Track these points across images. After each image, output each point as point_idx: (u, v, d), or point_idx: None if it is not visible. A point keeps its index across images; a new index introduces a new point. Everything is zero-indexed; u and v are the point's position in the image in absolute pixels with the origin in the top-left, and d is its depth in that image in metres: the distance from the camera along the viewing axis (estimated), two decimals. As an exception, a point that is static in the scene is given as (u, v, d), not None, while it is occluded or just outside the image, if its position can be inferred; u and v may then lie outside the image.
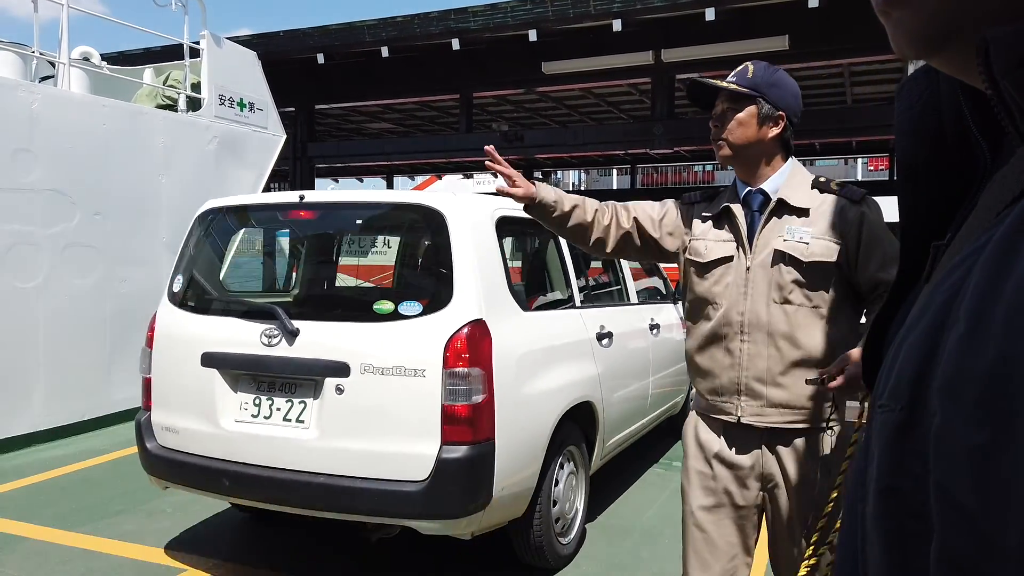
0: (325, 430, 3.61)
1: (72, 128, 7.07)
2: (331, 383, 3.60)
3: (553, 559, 4.12)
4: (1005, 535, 0.41)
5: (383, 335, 3.63)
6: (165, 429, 4.06)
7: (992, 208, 0.53)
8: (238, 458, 3.75)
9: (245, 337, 3.83)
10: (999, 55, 0.49)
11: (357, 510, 3.58)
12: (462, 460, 3.42)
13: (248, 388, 3.85)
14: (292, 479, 3.61)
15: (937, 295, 0.51)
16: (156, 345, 4.23)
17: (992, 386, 0.43)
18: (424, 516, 3.48)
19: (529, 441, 3.82)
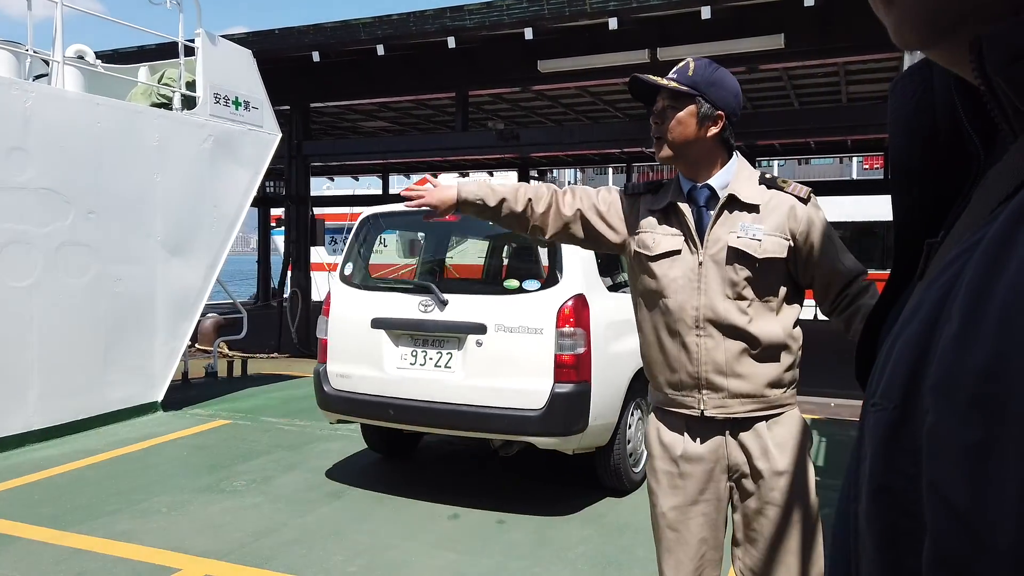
0: (467, 373, 5.00)
1: (66, 126, 7.04)
2: (472, 339, 5.01)
3: (628, 482, 5.38)
4: (996, 534, 0.41)
5: (511, 304, 5.01)
6: (339, 376, 5.41)
7: (986, 205, 0.52)
8: (400, 395, 5.13)
9: (405, 306, 5.26)
10: (992, 51, 0.48)
11: (492, 430, 5.00)
12: (568, 394, 4.78)
13: (407, 343, 5.23)
14: (442, 409, 5.01)
15: (930, 293, 0.51)
16: (332, 315, 5.55)
17: (985, 385, 0.42)
18: (541, 434, 4.83)
19: (613, 387, 5.13)
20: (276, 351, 12.79)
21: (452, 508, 5.12)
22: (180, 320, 8.26)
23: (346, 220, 32.94)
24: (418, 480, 5.77)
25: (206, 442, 6.94)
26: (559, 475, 5.87)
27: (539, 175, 26.24)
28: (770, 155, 19.86)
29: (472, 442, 6.25)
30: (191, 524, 4.84)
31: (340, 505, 5.20)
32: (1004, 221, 0.46)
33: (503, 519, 4.93)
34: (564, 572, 4.15)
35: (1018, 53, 0.47)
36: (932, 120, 0.63)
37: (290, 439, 6.97)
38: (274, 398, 8.88)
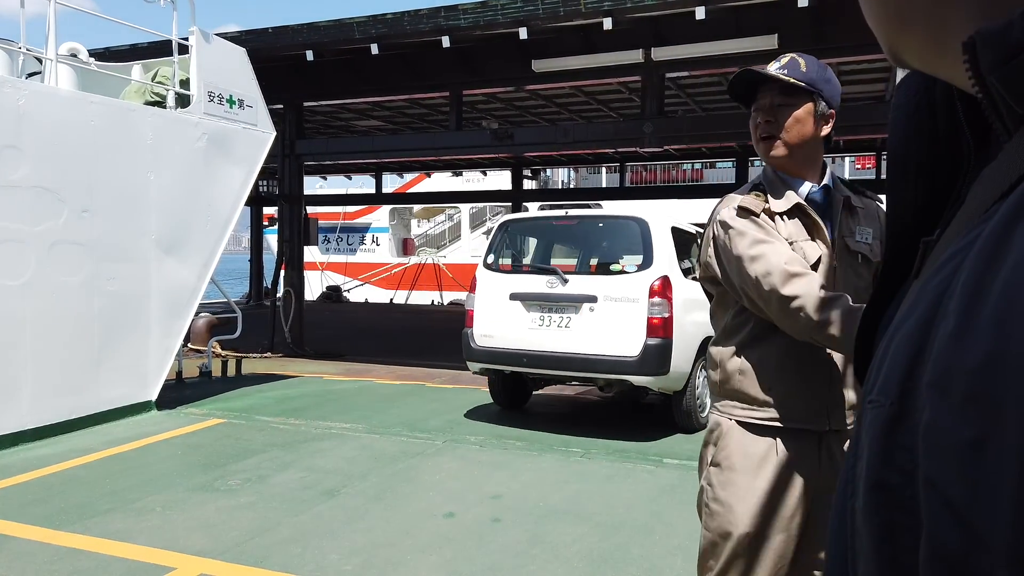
0: (582, 330, 6.83)
1: (60, 125, 7.02)
2: (586, 306, 6.87)
3: (696, 424, 7.05)
4: (993, 530, 0.41)
5: (616, 281, 6.94)
6: (483, 335, 7.34)
7: (981, 204, 0.52)
8: (531, 348, 7.01)
9: (535, 284, 7.18)
10: (986, 50, 0.48)
11: (599, 371, 6.89)
12: (657, 345, 6.61)
13: (536, 310, 7.09)
14: (563, 356, 6.88)
15: (926, 291, 0.51)
16: (478, 291, 7.49)
17: (981, 381, 0.43)
18: (637, 374, 6.68)
19: (687, 346, 6.88)
20: (269, 351, 12.77)
21: (447, 506, 5.12)
22: (174, 319, 8.24)
23: (339, 219, 33.00)
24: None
25: (200, 441, 6.92)
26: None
27: (532, 174, 26.27)
28: (763, 155, 19.88)
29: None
30: (186, 523, 4.83)
31: (335, 504, 5.20)
32: (999, 219, 0.46)
33: (498, 517, 4.93)
34: (559, 570, 4.16)
35: (1012, 52, 0.48)
36: (932, 117, 0.64)
37: (284, 438, 6.96)
38: (268, 397, 8.87)
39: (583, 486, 5.62)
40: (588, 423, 7.65)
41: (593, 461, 6.27)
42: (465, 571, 4.14)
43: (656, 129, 11.01)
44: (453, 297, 28.74)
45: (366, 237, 34.37)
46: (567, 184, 32.17)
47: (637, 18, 9.98)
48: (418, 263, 31.85)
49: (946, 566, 0.44)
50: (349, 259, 33.80)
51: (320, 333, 14.84)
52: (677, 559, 4.29)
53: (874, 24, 0.59)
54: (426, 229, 36.06)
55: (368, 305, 27.09)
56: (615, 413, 8.42)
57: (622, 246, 7.43)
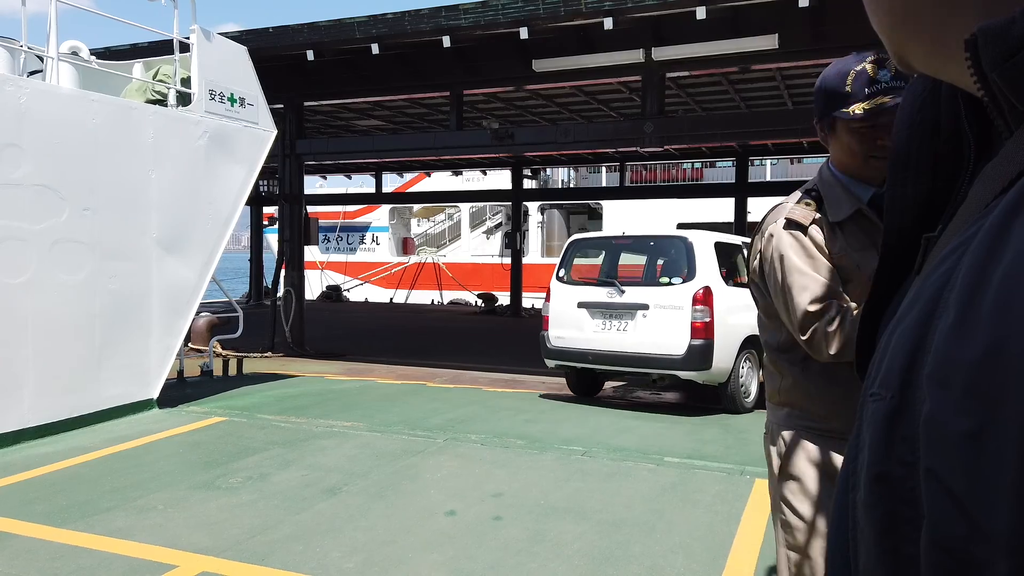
0: (638, 333, 8.07)
1: (61, 123, 7.03)
2: (640, 312, 8.09)
3: (740, 406, 8.26)
4: (994, 520, 0.42)
5: (664, 291, 8.10)
6: (556, 337, 8.58)
7: (981, 200, 0.53)
8: (595, 347, 8.29)
9: (598, 294, 8.42)
10: (988, 48, 0.49)
11: (651, 367, 8.17)
12: (699, 346, 7.78)
13: (599, 316, 8.33)
14: (622, 355, 8.17)
15: (927, 285, 0.52)
16: (552, 300, 8.70)
17: (981, 373, 0.43)
18: (683, 369, 7.92)
19: (729, 344, 8.00)
20: (270, 350, 12.78)
21: (448, 504, 5.13)
22: (175, 317, 8.25)
23: (339, 219, 32.99)
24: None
25: (202, 439, 6.93)
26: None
27: (532, 174, 26.28)
28: (763, 154, 19.90)
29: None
30: (187, 521, 4.84)
31: (336, 502, 5.21)
32: (999, 214, 0.47)
33: (499, 515, 4.94)
34: (560, 568, 4.17)
35: (1013, 48, 0.48)
36: (935, 115, 0.64)
37: (286, 436, 6.97)
38: (270, 396, 8.88)
39: (584, 484, 5.63)
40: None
41: (594, 459, 6.28)
42: (466, 569, 4.15)
43: (656, 129, 11.02)
44: (453, 296, 28.74)
45: (366, 236, 34.37)
46: (567, 183, 32.16)
47: (638, 18, 9.99)
48: (418, 262, 31.85)
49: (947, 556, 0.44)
50: (349, 258, 33.80)
51: (320, 333, 14.85)
52: (678, 557, 4.30)
53: (882, 32, 0.60)
54: (426, 228, 36.06)
55: (368, 304, 27.10)
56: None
57: (670, 261, 8.55)
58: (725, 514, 5.00)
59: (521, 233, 21.96)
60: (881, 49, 0.75)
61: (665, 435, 7.18)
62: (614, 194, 23.78)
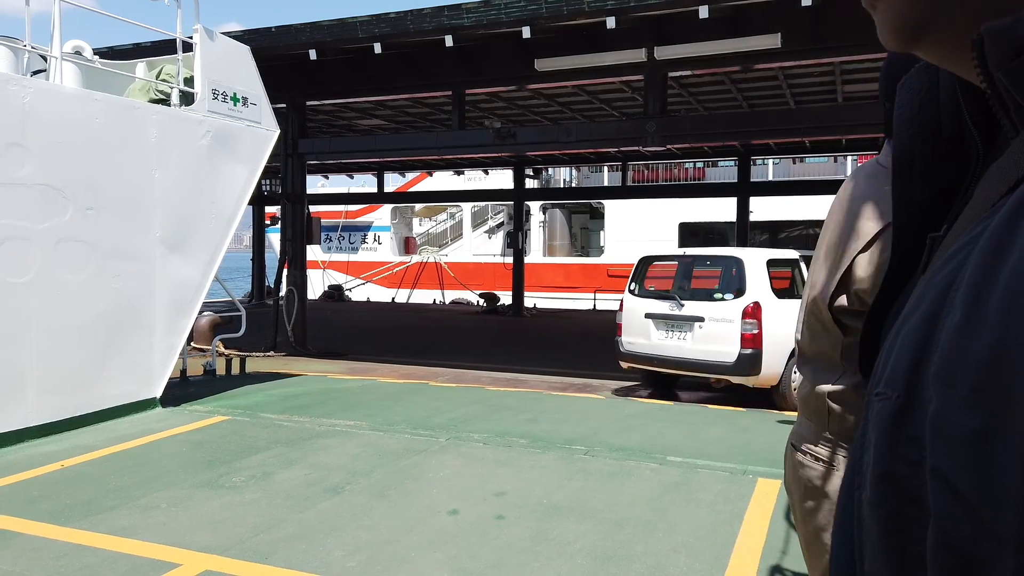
0: (695, 342, 9.01)
1: (64, 122, 7.04)
2: (696, 324, 9.01)
3: (788, 404, 8.47)
4: (1000, 519, 0.42)
5: (718, 305, 8.96)
6: (628, 342, 9.62)
7: (988, 199, 0.53)
8: (659, 353, 9.31)
9: (662, 306, 9.36)
10: (994, 48, 0.49)
11: (707, 371, 9.05)
12: (748, 354, 8.59)
13: (662, 326, 9.33)
14: (682, 360, 9.13)
15: (933, 284, 0.52)
16: (624, 310, 9.73)
17: (987, 372, 0.44)
18: (733, 374, 8.77)
19: (779, 352, 8.61)
20: (272, 349, 12.79)
21: (451, 504, 5.14)
22: (178, 317, 8.26)
23: (341, 218, 33.00)
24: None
25: (205, 438, 6.94)
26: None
27: (534, 173, 26.27)
28: (765, 154, 19.88)
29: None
30: (191, 520, 4.85)
31: (339, 500, 5.22)
32: (1006, 213, 0.47)
33: (502, 514, 4.95)
34: (563, 567, 4.17)
35: (1019, 49, 0.48)
36: (936, 115, 0.64)
37: (289, 435, 6.98)
38: (273, 395, 8.89)
39: (586, 483, 5.63)
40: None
41: (596, 459, 6.28)
42: (469, 568, 4.16)
43: (659, 128, 11.02)
44: (455, 296, 28.74)
45: (368, 236, 34.36)
46: (569, 183, 32.15)
47: (640, 17, 9.99)
48: (420, 262, 31.85)
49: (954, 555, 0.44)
50: (351, 258, 33.80)
51: (322, 332, 14.86)
52: (681, 556, 4.30)
53: (889, 42, 0.60)
54: (428, 228, 36.05)
55: (370, 304, 27.11)
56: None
57: (724, 278, 9.42)
58: (728, 514, 5.01)
59: (523, 233, 21.95)
60: None
61: (667, 434, 7.18)
62: (616, 193, 23.76)
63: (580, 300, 26.31)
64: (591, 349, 13.79)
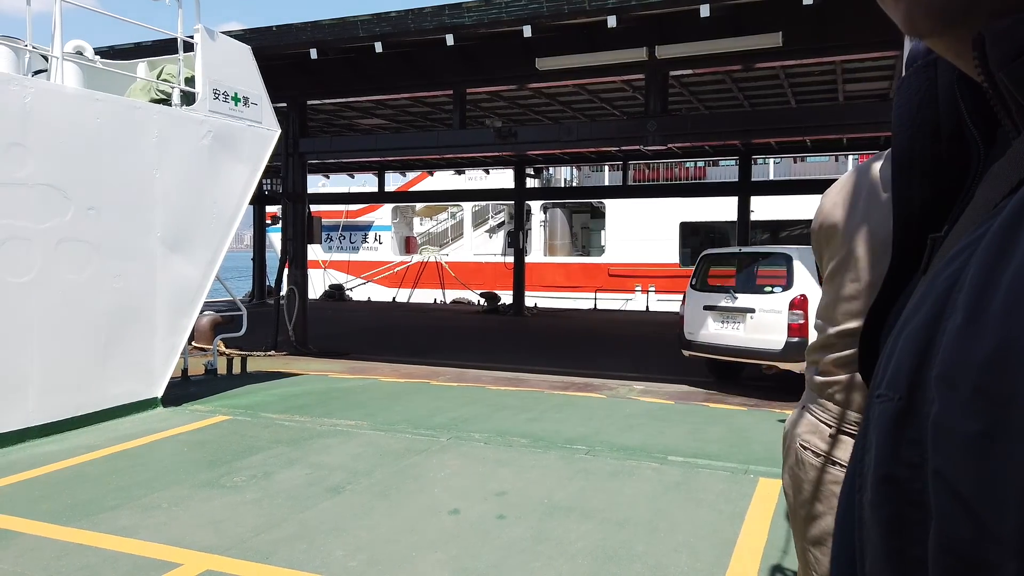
0: (747, 331, 9.70)
1: (65, 122, 7.04)
2: (749, 315, 9.68)
3: None
4: (1002, 522, 0.42)
5: (768, 298, 9.63)
6: (689, 333, 10.32)
7: (989, 200, 0.53)
8: (718, 342, 10.03)
9: (718, 299, 10.05)
10: (995, 47, 0.49)
11: (758, 358, 9.69)
12: (794, 342, 9.14)
13: (718, 319, 10.03)
14: (736, 347, 9.84)
15: (935, 285, 0.52)
16: (687, 303, 10.45)
17: (989, 374, 0.43)
18: (781, 361, 9.36)
19: None
20: (273, 349, 12.79)
21: (451, 503, 5.14)
22: (180, 316, 8.27)
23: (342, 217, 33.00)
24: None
25: (206, 438, 6.95)
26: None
27: (535, 173, 26.27)
28: (766, 153, 19.87)
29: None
30: (192, 519, 4.85)
31: (340, 500, 5.22)
32: (1008, 215, 0.47)
33: (503, 514, 4.95)
34: (564, 567, 4.17)
35: (1020, 49, 0.48)
36: (935, 116, 0.64)
37: (290, 435, 6.98)
38: (274, 395, 8.89)
39: (587, 483, 5.63)
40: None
41: (597, 458, 6.28)
42: (470, 568, 4.16)
43: (660, 127, 11.02)
44: (456, 295, 28.74)
45: (369, 235, 34.36)
46: (569, 182, 32.15)
47: (641, 16, 9.98)
48: (420, 261, 31.86)
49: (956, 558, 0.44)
50: (352, 257, 33.80)
51: (323, 331, 14.86)
52: (682, 556, 4.30)
53: (920, 25, 0.58)
54: (428, 227, 36.04)
55: (371, 304, 27.10)
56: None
57: (774, 272, 10.12)
58: (729, 513, 5.01)
59: (524, 232, 21.94)
60: None
61: (668, 434, 7.18)
62: (617, 193, 23.73)
63: (581, 300, 26.30)
64: (592, 348, 13.79)
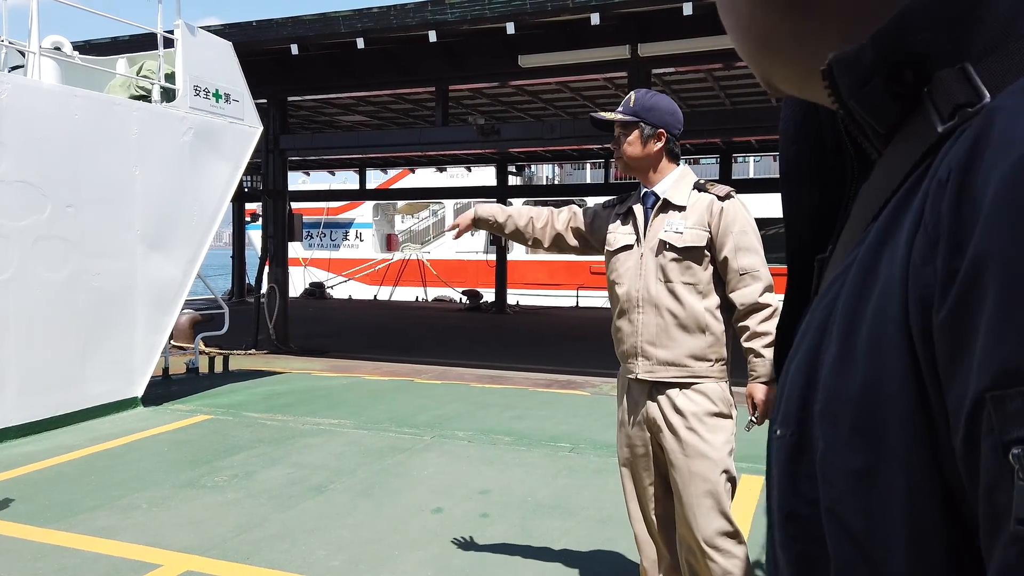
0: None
1: (43, 119, 6.96)
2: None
3: None
4: (891, 560, 0.42)
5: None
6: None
7: (860, 224, 0.53)
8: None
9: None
10: (844, 76, 0.49)
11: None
12: None
13: None
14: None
15: (815, 316, 0.51)
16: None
17: (863, 410, 0.43)
18: None
19: None
20: (254, 347, 12.71)
21: (435, 502, 5.12)
22: (160, 315, 8.19)
23: (322, 215, 32.85)
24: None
25: (187, 438, 6.89)
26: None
27: (517, 170, 26.25)
28: (747, 151, 19.97)
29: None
30: (172, 520, 4.81)
31: (323, 500, 5.19)
32: (869, 243, 0.47)
33: (486, 512, 4.94)
34: (547, 565, 4.17)
35: (866, 76, 0.48)
36: (818, 128, 0.63)
37: (272, 434, 6.94)
38: (256, 394, 8.83)
39: (571, 481, 5.64)
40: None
41: (581, 456, 6.28)
42: (453, 566, 4.15)
43: (642, 125, 11.02)
44: (438, 293, 28.68)
45: (350, 233, 34.21)
46: (551, 180, 32.16)
47: (624, 13, 9.99)
48: (402, 259, 31.76)
49: None
50: (333, 255, 33.64)
51: (305, 330, 14.79)
52: (666, 553, 4.30)
53: (748, 59, 0.60)
54: (410, 225, 35.95)
55: (352, 301, 27.00)
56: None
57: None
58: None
59: (506, 230, 21.91)
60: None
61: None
62: (598, 191, 23.74)
63: (563, 297, 26.32)
64: (575, 346, 13.81)
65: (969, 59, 0.45)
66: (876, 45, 0.47)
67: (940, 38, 0.46)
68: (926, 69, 0.47)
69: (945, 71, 0.46)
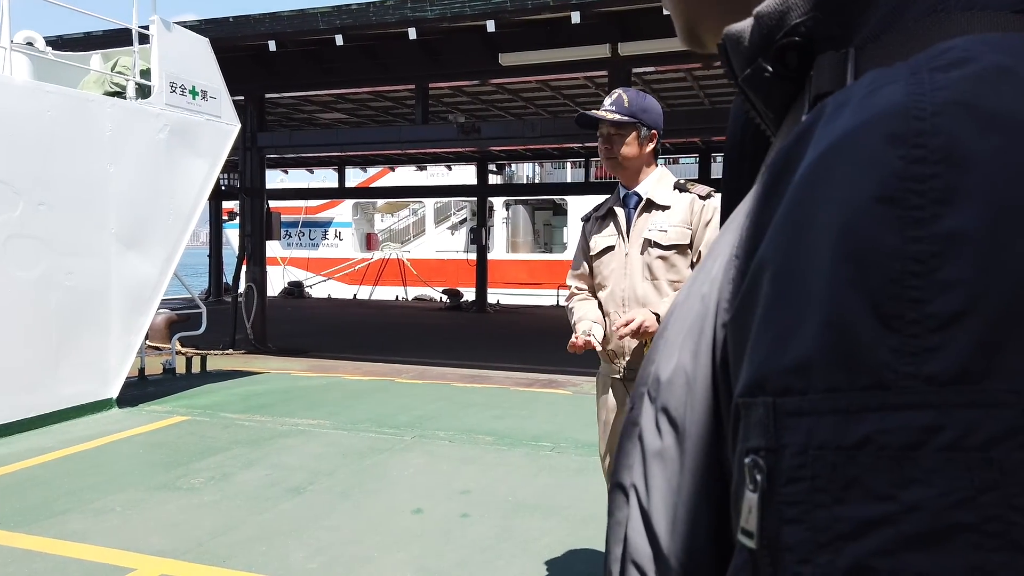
0: None
1: (14, 115, 6.84)
2: None
3: None
4: (669, 541, 0.46)
5: None
6: None
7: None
8: None
9: None
10: (734, 55, 0.48)
11: None
12: None
13: None
14: None
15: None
16: None
17: (672, 394, 0.48)
18: None
19: None
20: (231, 348, 12.59)
21: (415, 503, 5.08)
22: (136, 315, 8.08)
23: (301, 214, 32.67)
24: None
25: (163, 439, 6.80)
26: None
27: (497, 169, 26.23)
28: (727, 151, 20.03)
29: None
30: (146, 523, 4.73)
31: (300, 501, 5.13)
32: (716, 239, 0.50)
33: (467, 513, 4.90)
34: (528, 564, 4.14)
35: (751, 58, 0.46)
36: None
37: (250, 435, 6.86)
38: (234, 394, 8.74)
39: (552, 480, 5.61)
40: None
41: (563, 455, 6.26)
42: (433, 567, 4.10)
43: (622, 124, 11.03)
44: (418, 293, 28.59)
45: (329, 232, 34.05)
46: (532, 179, 32.16)
47: (604, 12, 9.98)
48: (382, 258, 31.64)
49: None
50: (311, 254, 33.46)
51: (283, 329, 14.69)
52: (647, 553, 4.28)
53: (676, 18, 0.63)
54: (390, 224, 35.82)
55: (331, 301, 26.88)
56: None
57: None
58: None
59: (486, 229, 21.88)
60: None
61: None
62: (579, 190, 23.78)
63: (543, 296, 26.31)
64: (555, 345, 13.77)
65: (855, 44, 0.42)
66: (759, 25, 0.45)
67: (826, 21, 0.43)
68: (812, 53, 0.44)
69: (827, 56, 0.43)
